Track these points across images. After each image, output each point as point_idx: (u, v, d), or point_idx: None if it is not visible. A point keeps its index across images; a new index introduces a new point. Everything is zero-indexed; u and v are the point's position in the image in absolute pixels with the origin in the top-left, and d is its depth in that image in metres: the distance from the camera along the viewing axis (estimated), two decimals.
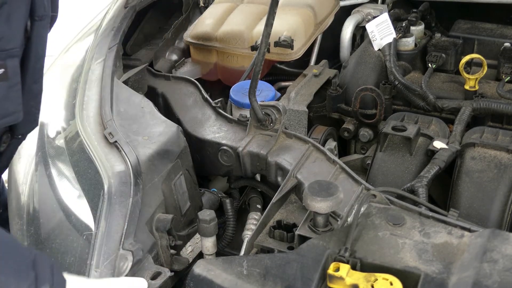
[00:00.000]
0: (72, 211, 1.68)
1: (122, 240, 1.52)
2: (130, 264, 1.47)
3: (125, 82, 2.09)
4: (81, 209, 1.66)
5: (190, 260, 1.73)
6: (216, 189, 2.25)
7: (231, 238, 1.97)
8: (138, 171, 1.68)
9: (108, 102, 1.90)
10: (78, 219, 1.64)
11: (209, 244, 1.83)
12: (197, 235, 1.76)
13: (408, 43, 2.51)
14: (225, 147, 1.98)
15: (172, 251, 1.65)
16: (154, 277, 1.49)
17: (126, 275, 1.46)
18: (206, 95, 2.17)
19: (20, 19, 1.45)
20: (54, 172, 1.83)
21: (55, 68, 2.33)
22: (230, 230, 1.97)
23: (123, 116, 1.88)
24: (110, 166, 1.69)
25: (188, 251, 1.73)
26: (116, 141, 1.75)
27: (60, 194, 1.75)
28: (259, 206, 2.04)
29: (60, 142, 1.89)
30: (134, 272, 1.49)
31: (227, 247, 1.98)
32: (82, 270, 1.51)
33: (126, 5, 2.38)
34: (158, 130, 1.85)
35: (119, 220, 1.56)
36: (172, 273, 1.53)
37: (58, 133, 1.94)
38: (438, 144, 1.99)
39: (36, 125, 1.72)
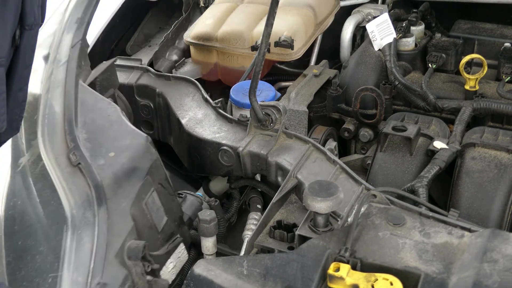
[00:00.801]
0: (38, 249, 1.56)
1: (89, 281, 1.43)
2: None
3: (93, 83, 1.92)
4: (46, 247, 1.55)
5: (174, 277, 1.66)
6: (215, 190, 2.25)
7: (221, 236, 1.95)
8: (101, 198, 1.55)
9: (73, 113, 1.72)
10: (43, 258, 1.53)
11: (209, 244, 1.84)
12: (178, 249, 1.69)
13: (408, 43, 2.51)
14: (225, 147, 1.98)
15: (149, 277, 1.55)
16: None
17: None
18: (206, 95, 2.17)
19: (8, 28, 1.43)
20: (22, 200, 1.68)
21: None
22: (221, 229, 1.95)
23: (89, 128, 1.72)
24: (72, 196, 1.57)
25: (169, 268, 1.64)
26: (79, 163, 1.61)
27: (25, 229, 1.62)
28: (259, 206, 2.05)
29: (24, 166, 1.72)
30: None
31: (219, 244, 1.96)
32: None
33: None
34: (125, 144, 1.69)
35: (85, 258, 1.47)
36: None
37: (21, 155, 1.76)
38: (438, 144, 1.99)
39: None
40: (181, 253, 1.70)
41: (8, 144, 1.74)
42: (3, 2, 1.37)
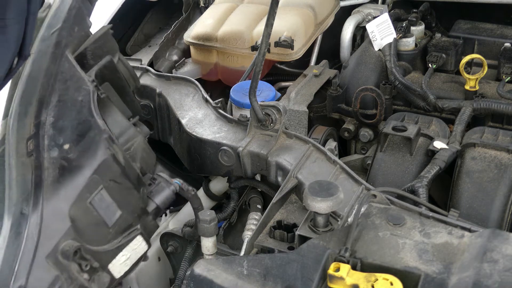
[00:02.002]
0: None
1: (11, 284, 1.42)
2: None
3: (83, 53, 1.77)
4: None
5: (127, 268, 1.66)
6: (215, 190, 2.25)
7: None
8: (40, 198, 1.53)
9: (47, 92, 1.62)
10: None
11: (209, 244, 1.84)
12: (134, 241, 1.67)
13: (409, 43, 2.51)
14: (225, 147, 1.98)
15: (85, 275, 1.55)
16: None
17: None
18: (206, 95, 2.17)
19: (7, 58, 1.44)
20: None
21: None
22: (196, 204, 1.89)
23: (57, 110, 1.63)
24: (16, 190, 1.54)
25: (121, 260, 1.63)
26: (32, 154, 1.57)
27: None
28: (259, 206, 2.05)
29: None
30: None
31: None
32: None
33: None
34: (82, 135, 1.62)
35: (10, 260, 1.46)
36: None
37: None
38: (438, 144, 1.99)
39: None
40: (137, 245, 1.68)
41: None
42: (3, 32, 1.38)
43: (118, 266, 1.65)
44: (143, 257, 1.73)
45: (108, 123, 1.69)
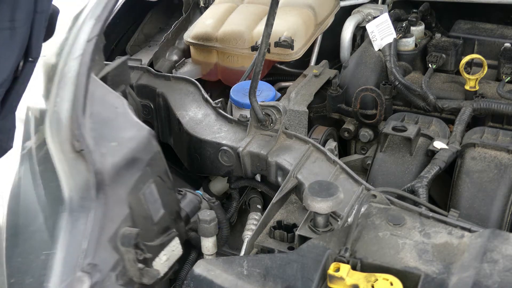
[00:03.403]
0: (36, 227, 1.61)
1: (80, 261, 1.45)
2: (86, 287, 1.41)
3: (104, 78, 1.95)
4: (43, 225, 1.60)
5: (166, 269, 1.67)
6: (215, 190, 2.25)
7: (226, 240, 1.95)
8: (102, 184, 1.58)
9: (81, 103, 1.74)
10: (40, 236, 1.58)
11: (209, 244, 1.83)
12: (173, 243, 1.70)
13: (409, 43, 2.51)
14: (225, 147, 1.98)
15: (140, 265, 1.57)
16: None
17: None
18: (206, 95, 2.17)
19: (12, 59, 1.44)
20: (24, 182, 1.76)
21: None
22: (224, 232, 1.95)
23: (96, 118, 1.75)
24: (73, 179, 1.59)
25: (162, 260, 1.65)
26: (82, 150, 1.63)
27: (26, 208, 1.69)
28: (259, 207, 2.04)
29: (31, 149, 1.80)
30: None
31: (224, 247, 1.97)
32: None
33: None
34: (128, 135, 1.72)
35: (78, 239, 1.49)
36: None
37: (28, 139, 1.84)
38: (438, 144, 1.99)
39: (5, 153, 1.65)
40: (175, 247, 1.70)
41: (20, 129, 1.81)
42: (12, 34, 1.38)
43: (160, 265, 1.66)
44: (177, 263, 1.75)
45: None
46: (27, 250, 1.57)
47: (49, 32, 1.64)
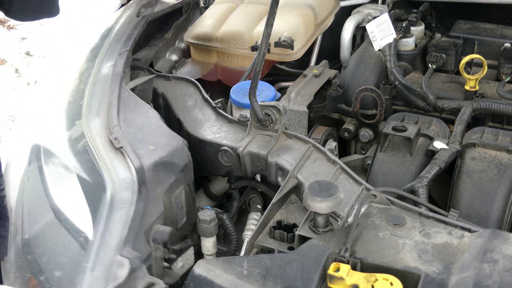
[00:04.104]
0: (69, 211, 1.66)
1: (121, 246, 1.49)
2: (126, 271, 1.44)
3: (132, 90, 2.08)
4: (80, 210, 1.64)
5: (181, 274, 1.69)
6: (215, 190, 2.25)
7: (234, 252, 1.95)
8: (143, 179, 1.66)
9: (116, 107, 1.88)
10: (76, 220, 1.62)
11: (209, 244, 1.84)
12: (189, 251, 1.73)
13: (409, 43, 2.51)
14: (225, 148, 1.98)
15: (166, 264, 1.62)
16: (147, 287, 1.45)
17: (121, 283, 1.42)
18: (206, 96, 2.17)
19: None
20: (49, 170, 1.81)
21: (53, 66, 2.32)
22: (233, 244, 1.94)
23: (129, 123, 1.86)
24: (115, 172, 1.67)
25: (178, 265, 1.68)
26: (122, 147, 1.73)
27: (55, 193, 1.74)
28: (259, 207, 2.05)
29: (63, 141, 1.87)
30: (128, 280, 1.45)
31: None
32: (75, 271, 1.49)
33: (138, 14, 2.40)
34: (163, 141, 1.83)
35: (119, 226, 1.54)
36: (167, 286, 1.49)
37: (60, 132, 1.92)
38: (438, 144, 1.99)
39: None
40: (190, 256, 1.73)
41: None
42: None
43: (176, 269, 1.69)
44: (188, 272, 1.76)
45: None
46: (60, 233, 1.63)
47: None
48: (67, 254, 1.58)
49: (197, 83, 2.24)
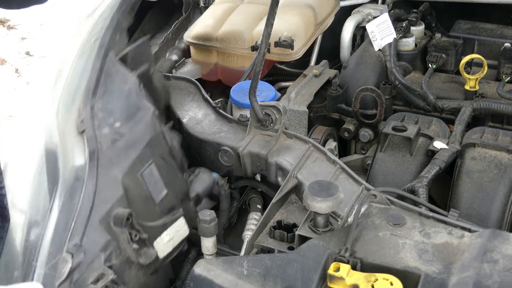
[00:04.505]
0: (28, 207, 1.62)
1: (67, 241, 1.47)
2: (68, 267, 1.42)
3: (124, 57, 1.94)
4: (36, 205, 1.60)
5: (170, 249, 1.68)
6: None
7: (223, 228, 1.95)
8: (95, 164, 1.60)
9: (94, 83, 1.78)
10: (31, 215, 1.58)
11: (209, 244, 1.83)
12: (178, 223, 1.70)
13: (409, 43, 2.51)
14: (225, 147, 1.98)
15: (135, 245, 1.59)
16: (96, 280, 1.45)
17: (64, 280, 1.41)
18: (206, 95, 2.17)
19: None
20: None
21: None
22: (223, 220, 1.94)
23: (107, 97, 1.78)
24: (72, 159, 1.62)
25: (165, 240, 1.66)
26: (84, 131, 1.66)
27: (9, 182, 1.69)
28: (259, 206, 2.05)
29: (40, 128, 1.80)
30: (79, 274, 1.44)
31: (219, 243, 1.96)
32: (28, 271, 1.48)
33: None
34: (132, 115, 1.74)
35: (67, 218, 1.51)
36: (114, 276, 1.49)
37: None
38: (438, 144, 1.99)
39: None
40: (180, 227, 1.71)
41: None
42: None
43: (162, 245, 1.67)
44: (183, 244, 1.76)
45: None
46: (15, 229, 1.59)
47: None
48: (22, 252, 1.54)
49: (197, 83, 2.24)
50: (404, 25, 2.53)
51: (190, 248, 2.04)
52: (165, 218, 1.70)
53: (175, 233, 1.69)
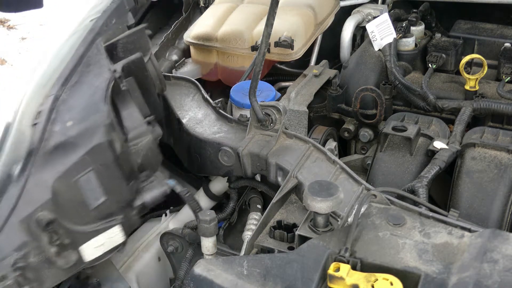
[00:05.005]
0: None
1: None
2: None
3: (114, 44, 1.88)
4: None
5: (100, 253, 1.68)
6: (215, 190, 2.25)
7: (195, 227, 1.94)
8: (28, 165, 1.58)
9: (69, 70, 1.72)
10: None
11: (209, 244, 1.84)
12: (113, 230, 1.69)
13: (409, 43, 2.51)
14: (225, 147, 1.98)
15: (54, 249, 1.58)
16: None
17: None
18: (206, 95, 2.17)
19: None
20: None
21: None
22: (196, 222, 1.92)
23: (75, 89, 1.71)
24: (11, 153, 1.62)
25: (95, 245, 1.66)
26: (36, 123, 1.63)
27: None
28: (259, 206, 2.05)
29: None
30: None
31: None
32: None
33: None
34: (87, 117, 1.67)
35: None
36: (19, 278, 1.51)
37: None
38: (438, 144, 1.99)
39: None
40: (114, 234, 1.69)
41: None
42: None
43: (90, 249, 1.67)
44: (119, 248, 1.74)
45: (122, 115, 1.75)
46: None
47: None
48: None
49: (197, 83, 2.24)
50: (404, 25, 2.53)
51: (187, 247, 2.04)
52: (99, 224, 1.67)
53: (107, 239, 1.68)
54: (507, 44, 2.46)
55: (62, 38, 1.89)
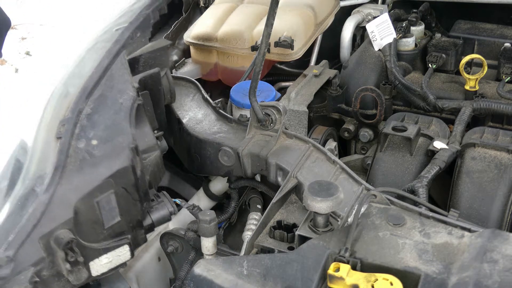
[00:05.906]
0: None
1: (1, 251, 1.48)
2: None
3: (137, 59, 1.88)
4: None
5: (105, 270, 1.69)
6: (215, 190, 2.25)
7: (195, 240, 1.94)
8: (54, 182, 1.57)
9: (93, 82, 1.69)
10: None
11: (209, 244, 1.84)
12: (121, 248, 1.70)
13: (409, 43, 2.51)
14: (225, 147, 1.98)
15: (68, 266, 1.58)
16: None
17: None
18: (206, 95, 2.17)
19: None
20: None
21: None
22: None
23: (98, 104, 1.69)
24: (36, 166, 1.60)
25: (103, 261, 1.67)
26: (60, 137, 1.61)
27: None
28: (259, 207, 2.05)
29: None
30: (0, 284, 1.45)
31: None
32: None
33: None
34: (111, 137, 1.66)
35: (9, 230, 1.52)
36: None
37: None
38: (438, 144, 1.99)
39: None
40: (122, 253, 1.71)
41: None
42: None
43: (99, 265, 1.68)
44: (122, 266, 1.75)
45: (136, 131, 1.74)
46: None
47: None
48: None
49: (197, 83, 2.24)
50: (404, 25, 2.53)
51: (189, 248, 2.04)
52: (110, 242, 1.68)
53: (115, 257, 1.69)
54: (507, 44, 2.47)
55: (85, 43, 1.87)
